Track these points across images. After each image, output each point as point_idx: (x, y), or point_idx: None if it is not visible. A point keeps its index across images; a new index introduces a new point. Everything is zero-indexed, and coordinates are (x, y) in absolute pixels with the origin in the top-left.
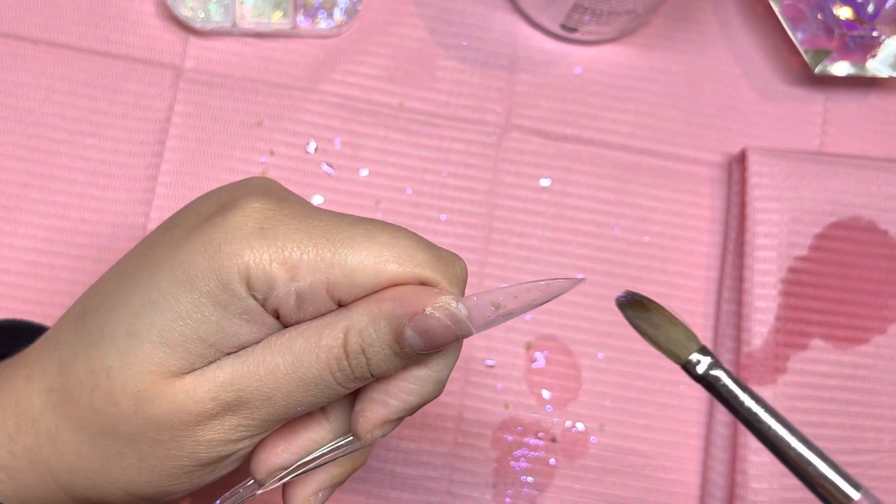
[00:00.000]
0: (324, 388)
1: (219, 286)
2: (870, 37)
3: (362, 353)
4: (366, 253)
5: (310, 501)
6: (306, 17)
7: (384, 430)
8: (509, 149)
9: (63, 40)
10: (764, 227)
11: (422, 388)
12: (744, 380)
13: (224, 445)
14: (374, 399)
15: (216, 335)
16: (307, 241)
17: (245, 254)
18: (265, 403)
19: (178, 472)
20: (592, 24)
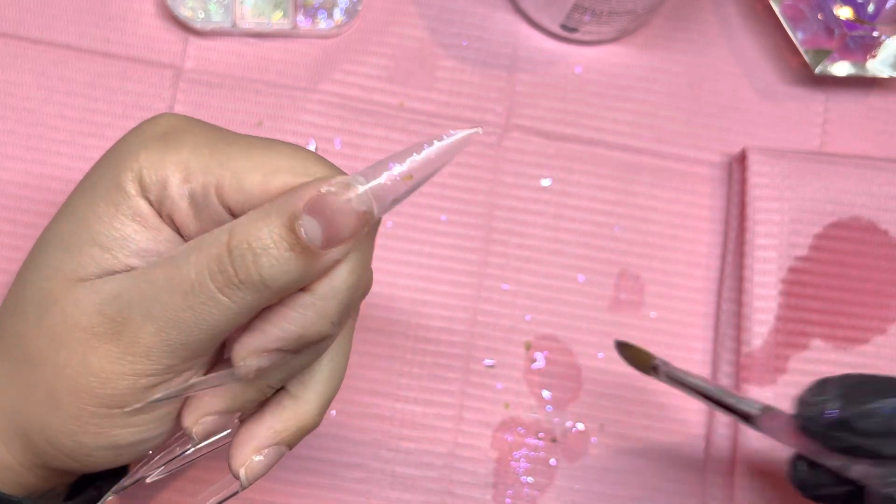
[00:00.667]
0: (205, 298)
1: (112, 185)
2: (870, 37)
3: (248, 249)
4: (259, 159)
5: (253, 462)
6: (306, 17)
7: (261, 361)
8: (509, 149)
9: (63, 40)
10: (764, 227)
11: (304, 316)
12: (744, 380)
13: (117, 380)
14: (254, 327)
15: (107, 237)
16: (204, 145)
17: (141, 154)
18: (146, 321)
19: (83, 414)
20: (592, 24)
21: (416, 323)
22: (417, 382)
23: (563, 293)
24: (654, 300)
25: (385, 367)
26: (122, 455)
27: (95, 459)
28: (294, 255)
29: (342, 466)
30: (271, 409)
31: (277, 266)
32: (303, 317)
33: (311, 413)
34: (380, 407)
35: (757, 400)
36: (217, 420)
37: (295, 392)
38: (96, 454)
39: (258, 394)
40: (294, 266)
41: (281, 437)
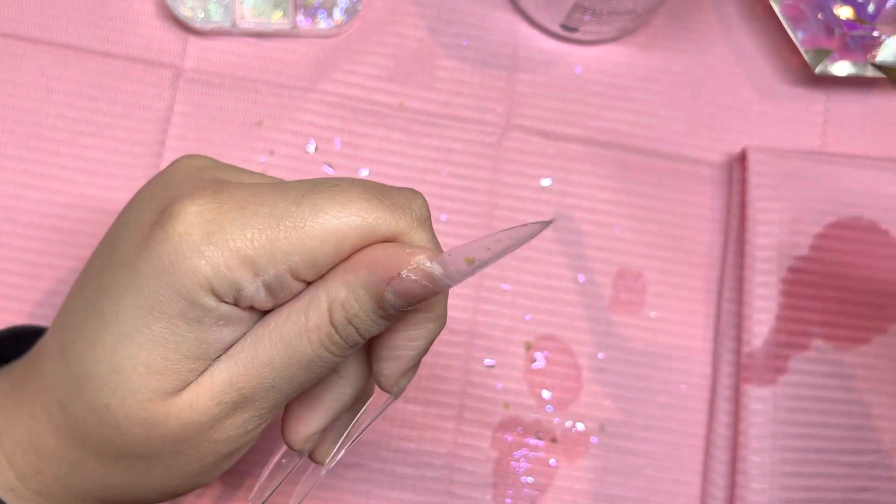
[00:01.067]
0: (322, 363)
1: (187, 305)
2: (870, 37)
3: (350, 324)
4: (319, 230)
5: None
6: (306, 16)
7: (408, 378)
8: (509, 149)
9: (63, 40)
10: (764, 227)
11: (426, 330)
12: (745, 380)
13: (242, 437)
14: (386, 357)
15: (199, 349)
16: (258, 234)
17: (201, 266)
18: (270, 393)
19: (206, 468)
20: (592, 23)
21: None
22: (417, 382)
23: (563, 293)
24: (655, 300)
25: None
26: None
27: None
28: (382, 318)
29: (342, 466)
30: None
31: (373, 328)
32: (426, 331)
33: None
34: None
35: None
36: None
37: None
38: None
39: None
40: (386, 324)
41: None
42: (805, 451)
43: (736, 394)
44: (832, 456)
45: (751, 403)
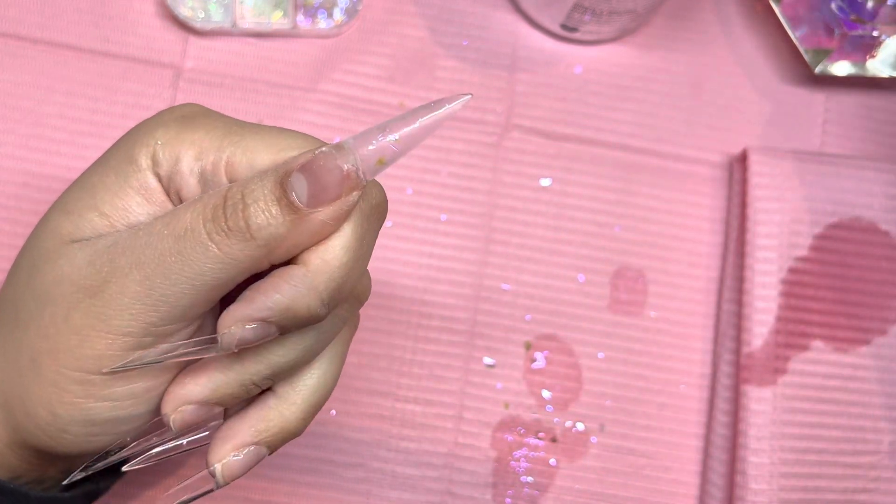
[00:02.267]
0: (194, 243)
1: (125, 158)
2: (870, 37)
3: (240, 199)
4: (270, 140)
5: (230, 460)
6: (306, 16)
7: (244, 332)
8: (509, 149)
9: (62, 40)
10: (764, 228)
11: (294, 287)
12: (744, 380)
13: (96, 338)
14: (243, 297)
15: (110, 205)
16: (219, 126)
17: (158, 132)
18: (134, 268)
19: (62, 379)
20: (592, 23)
21: (416, 323)
22: (417, 382)
23: (563, 293)
24: (655, 300)
25: (385, 367)
26: (97, 435)
27: (70, 437)
28: (280, 209)
29: (342, 466)
30: (255, 408)
31: (263, 218)
32: (293, 288)
33: (295, 416)
34: (380, 407)
35: None
36: (197, 410)
37: (281, 393)
38: (71, 430)
39: (241, 389)
40: (279, 220)
41: (262, 437)
42: (804, 452)
43: (735, 394)
44: (831, 457)
45: (750, 404)
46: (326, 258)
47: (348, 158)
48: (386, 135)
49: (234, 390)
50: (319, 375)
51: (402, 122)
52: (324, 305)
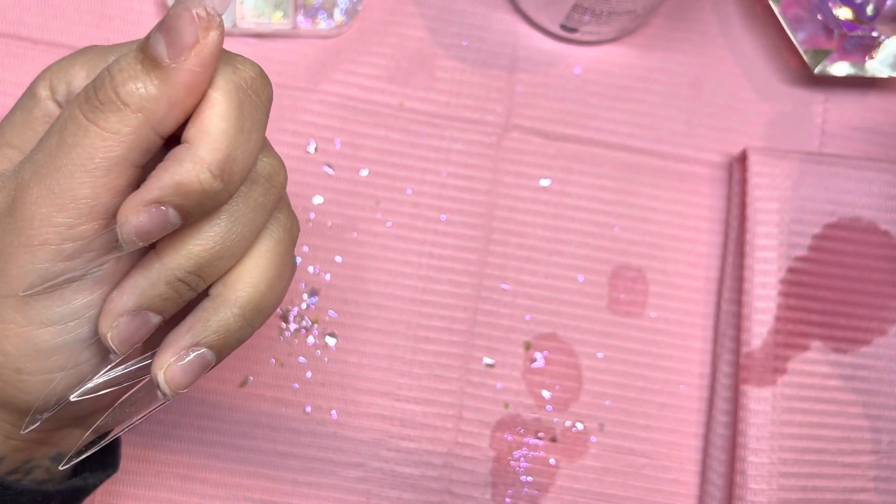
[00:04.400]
0: (74, 128)
1: (27, 95)
2: (869, 37)
3: (107, 73)
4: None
5: (174, 366)
6: (306, 17)
7: (141, 219)
8: (509, 149)
9: (63, 41)
10: (764, 228)
11: (178, 163)
12: (743, 380)
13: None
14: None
15: (18, 138)
16: (107, 48)
17: (53, 65)
18: (34, 176)
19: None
20: (592, 24)
21: (416, 323)
22: (417, 382)
23: (562, 293)
24: (654, 300)
25: (385, 367)
26: (53, 371)
27: (26, 378)
28: (143, 69)
29: (342, 466)
30: (193, 313)
31: (130, 81)
32: (178, 163)
33: (233, 314)
34: (380, 407)
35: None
36: (131, 321)
37: (216, 293)
38: (24, 367)
39: (168, 289)
40: (145, 80)
41: (200, 337)
42: (803, 452)
43: (735, 394)
44: (831, 457)
45: (750, 404)
46: (204, 129)
47: (194, 2)
48: None
49: (161, 290)
50: (253, 272)
51: None
52: (215, 178)
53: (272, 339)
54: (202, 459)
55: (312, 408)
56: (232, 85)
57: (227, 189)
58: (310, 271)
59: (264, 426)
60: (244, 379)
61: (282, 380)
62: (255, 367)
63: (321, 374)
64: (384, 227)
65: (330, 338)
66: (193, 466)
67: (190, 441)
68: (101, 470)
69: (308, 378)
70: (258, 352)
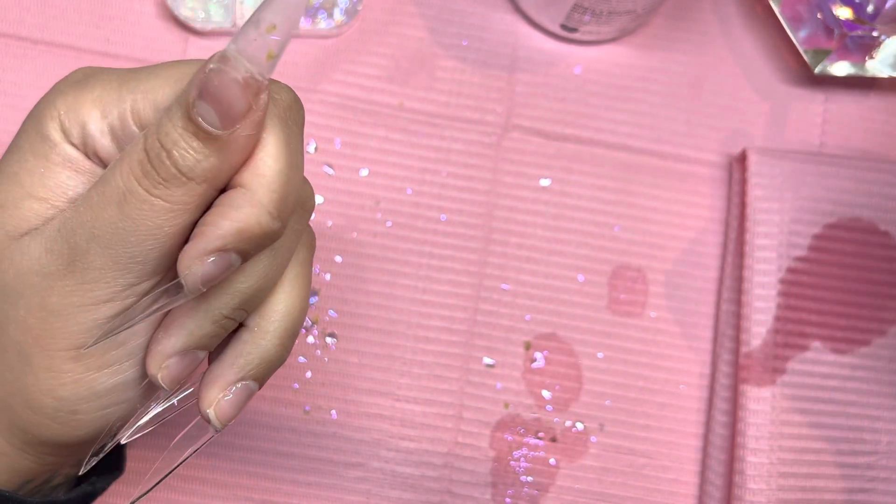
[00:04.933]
0: (139, 203)
1: (37, 138)
2: (870, 37)
3: (161, 147)
4: (165, 74)
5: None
6: (306, 17)
7: (205, 267)
8: (509, 149)
9: (63, 41)
10: (763, 228)
11: (238, 210)
12: (743, 380)
13: (78, 313)
14: (195, 233)
15: (42, 188)
16: (114, 80)
17: (58, 102)
18: (91, 242)
19: (55, 362)
20: (592, 24)
21: (416, 323)
22: (417, 382)
23: (562, 293)
24: (654, 300)
25: (385, 367)
26: (107, 407)
27: (82, 417)
28: (200, 142)
29: (342, 466)
30: (232, 346)
31: (190, 156)
32: (238, 210)
33: (272, 344)
34: (380, 407)
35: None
36: (180, 361)
37: (253, 325)
38: (80, 408)
39: (215, 327)
40: (205, 153)
41: (245, 371)
42: (802, 452)
43: (734, 394)
44: (830, 457)
45: (749, 404)
46: (259, 172)
47: (239, 66)
48: (262, 27)
49: (208, 329)
50: (286, 299)
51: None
52: (274, 219)
53: None
54: (202, 459)
55: (312, 408)
56: (277, 121)
57: (284, 226)
58: None
59: (264, 426)
60: None
61: (282, 380)
62: None
63: (321, 374)
64: (384, 227)
65: (330, 338)
66: (193, 466)
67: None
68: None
69: (308, 378)
70: None
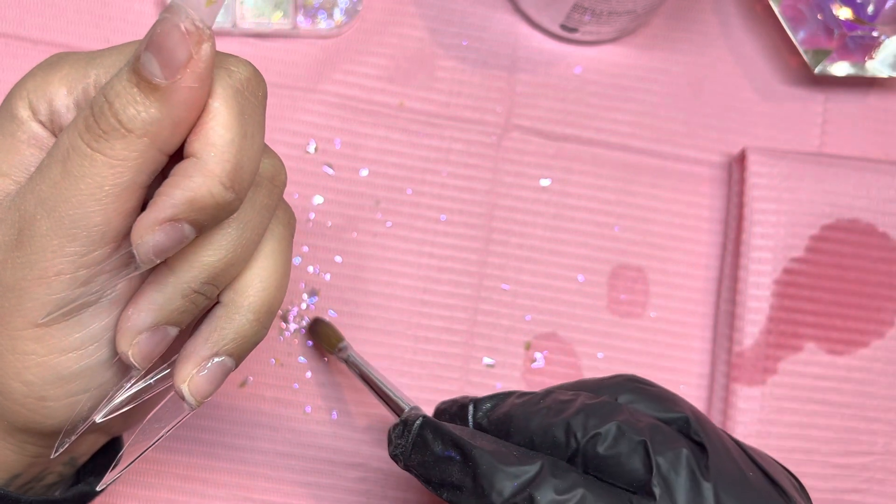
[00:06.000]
0: (79, 159)
1: (6, 116)
2: (869, 37)
3: (105, 101)
4: (127, 49)
5: (196, 377)
6: (306, 17)
7: (156, 237)
8: (509, 149)
9: (63, 41)
10: (761, 228)
11: (189, 179)
12: (734, 379)
13: (32, 286)
14: (150, 204)
15: (7, 164)
16: (82, 59)
17: (27, 82)
18: (39, 207)
19: (17, 343)
20: (592, 24)
21: (416, 323)
22: (417, 382)
23: (562, 293)
24: (654, 300)
25: (385, 367)
26: (77, 394)
27: (52, 404)
28: (140, 92)
29: (342, 466)
30: (206, 322)
31: (131, 107)
32: (188, 179)
33: (246, 318)
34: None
35: (415, 407)
36: (150, 337)
37: (227, 300)
38: (49, 394)
39: (184, 301)
40: (145, 103)
41: (219, 346)
42: (791, 451)
43: (727, 393)
44: (822, 457)
45: (739, 402)
46: (210, 141)
47: (180, 15)
48: None
49: (178, 303)
50: (261, 274)
51: None
52: (227, 189)
53: (272, 339)
54: (202, 459)
55: (312, 408)
56: (230, 90)
57: (239, 197)
58: (310, 271)
59: (264, 426)
60: (244, 379)
61: (282, 380)
62: (255, 367)
63: (321, 374)
64: (384, 227)
65: None
66: (193, 466)
67: (190, 441)
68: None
69: (308, 378)
70: (258, 352)
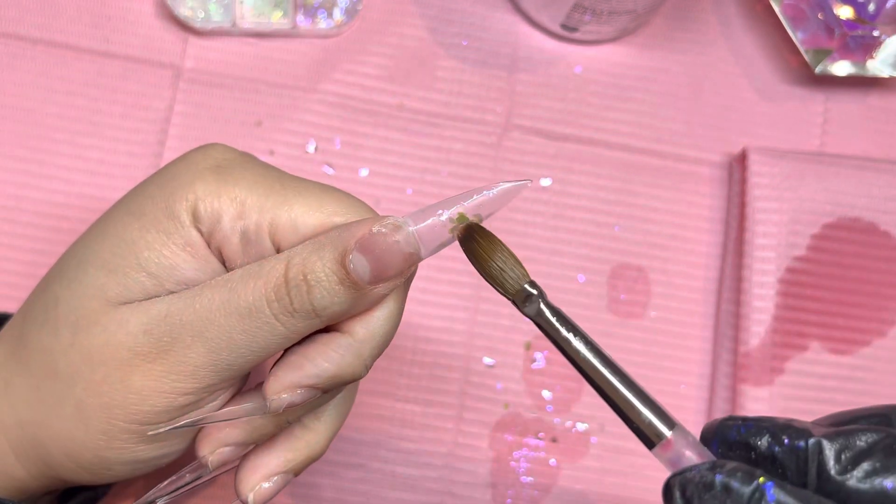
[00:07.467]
0: (260, 323)
1: (165, 213)
2: (870, 36)
3: (304, 281)
4: (314, 203)
5: (261, 488)
6: (306, 16)
7: (293, 397)
8: (509, 149)
9: (62, 40)
10: (763, 227)
11: (341, 357)
12: (741, 380)
13: (157, 397)
14: (290, 362)
15: (156, 264)
16: (260, 182)
17: (196, 185)
18: (197, 341)
19: (113, 430)
20: (592, 23)
21: (416, 323)
22: (417, 382)
23: (563, 293)
24: (655, 300)
25: (385, 367)
26: (138, 469)
27: (113, 473)
28: (343, 289)
29: (342, 466)
30: (283, 439)
31: (328, 298)
32: (341, 357)
33: (320, 444)
34: (380, 407)
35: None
36: (234, 451)
37: (308, 423)
38: (115, 468)
39: (276, 429)
40: (343, 298)
41: (290, 465)
42: None
43: (733, 394)
44: None
45: (747, 403)
46: (372, 329)
47: (411, 242)
48: (442, 215)
49: (271, 431)
50: (342, 401)
51: (457, 201)
52: (366, 369)
53: None
54: None
55: None
56: (402, 288)
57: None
58: None
59: None
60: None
61: None
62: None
63: None
64: None
65: None
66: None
67: None
68: None
69: None
70: None
